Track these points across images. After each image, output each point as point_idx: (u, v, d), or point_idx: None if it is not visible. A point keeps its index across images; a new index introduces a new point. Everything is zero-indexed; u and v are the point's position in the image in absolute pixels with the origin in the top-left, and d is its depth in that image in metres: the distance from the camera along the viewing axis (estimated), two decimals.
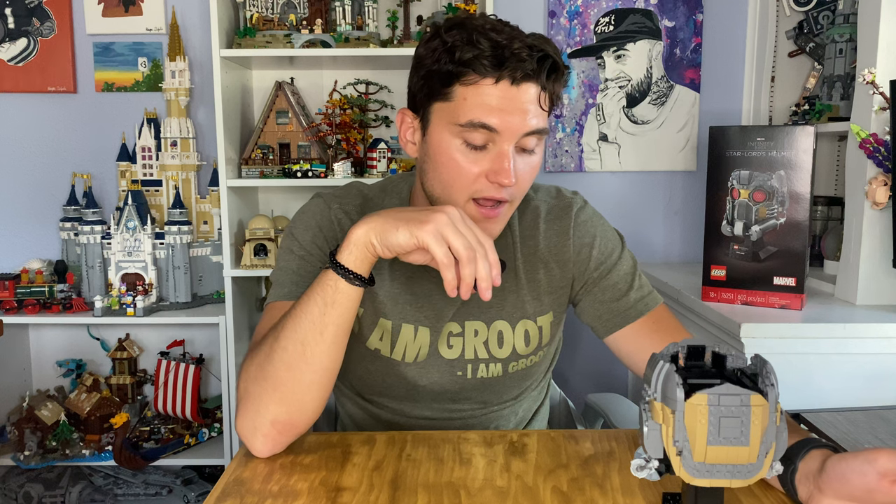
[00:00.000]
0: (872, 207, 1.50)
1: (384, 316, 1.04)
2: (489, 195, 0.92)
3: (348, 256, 0.84)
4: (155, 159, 2.20)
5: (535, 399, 1.21)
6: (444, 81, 0.90)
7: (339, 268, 0.84)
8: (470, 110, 0.88)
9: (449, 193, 0.93)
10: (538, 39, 0.90)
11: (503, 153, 0.89)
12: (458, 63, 0.87)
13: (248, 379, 0.88)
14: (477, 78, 0.87)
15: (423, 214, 0.82)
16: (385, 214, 0.84)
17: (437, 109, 0.92)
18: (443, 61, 0.89)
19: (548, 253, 1.07)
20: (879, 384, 1.41)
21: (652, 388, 0.64)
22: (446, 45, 0.88)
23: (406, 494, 0.78)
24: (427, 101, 0.93)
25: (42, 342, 2.31)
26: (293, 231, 1.05)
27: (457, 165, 0.91)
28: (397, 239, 0.81)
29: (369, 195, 1.08)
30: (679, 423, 0.61)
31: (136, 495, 2.19)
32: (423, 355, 1.05)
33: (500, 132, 0.89)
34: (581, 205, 1.09)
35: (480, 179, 0.91)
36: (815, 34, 2.00)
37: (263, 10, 2.05)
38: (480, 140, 0.90)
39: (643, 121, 2.25)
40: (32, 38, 2.19)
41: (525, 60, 0.86)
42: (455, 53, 0.87)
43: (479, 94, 0.88)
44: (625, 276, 1.07)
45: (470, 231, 0.82)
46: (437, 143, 0.93)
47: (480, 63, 0.86)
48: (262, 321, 1.00)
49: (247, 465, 0.85)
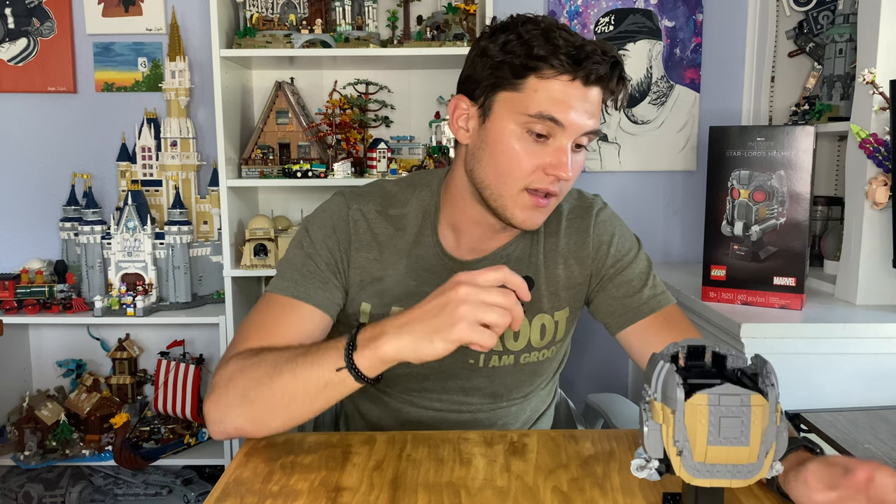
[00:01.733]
0: (872, 207, 1.50)
1: (396, 304, 1.05)
2: (543, 186, 0.94)
3: (367, 364, 0.82)
4: (155, 159, 2.20)
5: (544, 399, 1.21)
6: (518, 73, 0.92)
7: (353, 368, 0.82)
8: (541, 102, 0.91)
9: (503, 181, 0.95)
10: (609, 46, 0.93)
11: (563, 148, 0.93)
12: (535, 57, 0.90)
13: (230, 378, 0.89)
14: (553, 73, 0.90)
15: (446, 313, 0.78)
16: (410, 327, 0.80)
17: (504, 98, 0.94)
18: (517, 53, 0.91)
19: (567, 250, 1.09)
20: (879, 384, 1.41)
21: (652, 387, 0.64)
22: (522, 38, 0.91)
23: (406, 494, 0.78)
24: (492, 90, 0.95)
25: (42, 342, 2.31)
26: (308, 227, 1.06)
27: (516, 155, 0.94)
28: (435, 351, 0.79)
29: (393, 191, 1.09)
30: (679, 423, 0.61)
31: (136, 495, 2.19)
32: None
33: (565, 127, 0.92)
34: (601, 206, 1.13)
35: (537, 172, 0.94)
36: (815, 34, 2.00)
37: (263, 10, 2.05)
38: (544, 131, 0.92)
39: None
40: (32, 38, 2.19)
41: (600, 63, 0.90)
42: (533, 47, 0.90)
43: (551, 88, 0.91)
44: (639, 275, 1.10)
45: (494, 293, 0.78)
46: (500, 131, 0.95)
47: (558, 59, 0.89)
48: (257, 308, 1.01)
49: (247, 465, 0.85)
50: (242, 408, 0.88)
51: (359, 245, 1.04)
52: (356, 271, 1.05)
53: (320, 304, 1.00)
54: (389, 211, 1.06)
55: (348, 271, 1.04)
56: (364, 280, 1.05)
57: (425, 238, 1.06)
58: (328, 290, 1.02)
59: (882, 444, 1.13)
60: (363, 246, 1.05)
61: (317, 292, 1.01)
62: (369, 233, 1.05)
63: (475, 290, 0.78)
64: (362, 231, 1.05)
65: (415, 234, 1.06)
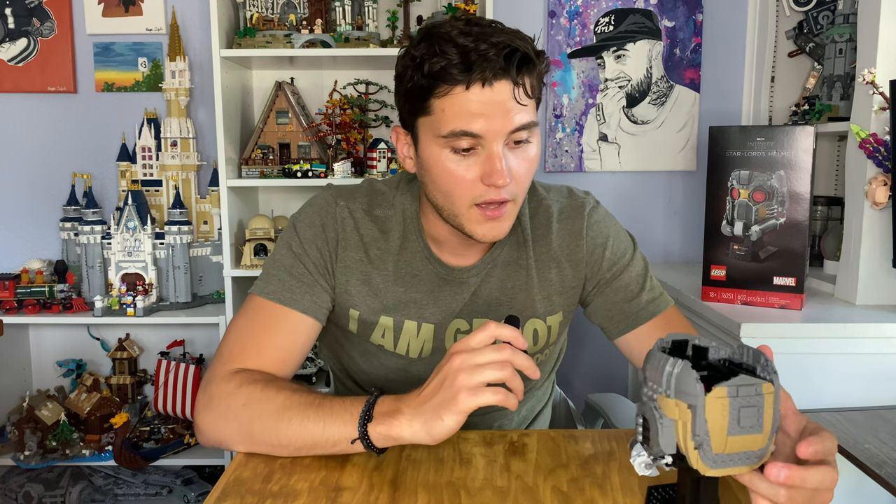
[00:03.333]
0: (872, 207, 1.50)
1: (385, 313, 1.04)
2: (489, 198, 0.91)
3: (380, 439, 0.82)
4: (155, 159, 2.20)
5: (539, 400, 1.21)
6: (421, 97, 0.89)
7: (365, 439, 0.82)
8: (450, 121, 0.87)
9: (451, 202, 0.93)
10: (506, 35, 0.87)
11: (492, 155, 0.88)
12: (428, 76, 0.86)
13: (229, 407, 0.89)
14: (448, 88, 0.86)
15: (445, 387, 0.78)
16: (422, 409, 0.80)
17: (422, 124, 0.91)
18: (415, 78, 0.88)
19: (560, 253, 1.06)
20: (879, 384, 1.41)
21: (663, 385, 0.64)
22: (416, 61, 0.87)
23: (406, 494, 0.78)
24: (412, 118, 0.93)
25: (42, 342, 2.31)
26: (296, 224, 1.04)
27: (451, 175, 0.90)
28: (448, 428, 0.79)
29: (381, 190, 1.07)
30: (700, 418, 0.62)
31: (136, 495, 2.19)
32: (427, 350, 1.05)
33: (483, 136, 0.87)
34: (594, 205, 1.09)
35: (477, 185, 0.90)
36: (815, 34, 2.00)
37: (263, 10, 2.05)
38: (467, 144, 0.88)
39: (643, 121, 2.25)
40: (32, 38, 2.19)
41: (492, 60, 0.84)
42: (424, 67, 0.86)
43: (454, 103, 0.86)
44: (637, 278, 1.07)
45: (486, 353, 0.78)
46: (429, 157, 0.92)
47: (448, 73, 0.85)
48: (245, 313, 0.99)
49: (247, 465, 0.85)
50: (243, 442, 0.88)
51: (345, 244, 1.02)
52: (343, 270, 1.02)
53: (309, 310, 0.99)
54: (375, 211, 1.04)
55: (335, 270, 1.02)
56: (350, 280, 1.02)
57: (411, 243, 1.03)
58: (316, 295, 1.00)
59: (882, 444, 1.14)
60: (350, 245, 1.02)
61: (305, 297, 0.99)
62: (356, 232, 1.03)
63: (468, 355, 0.78)
64: (349, 230, 1.02)
65: (400, 238, 1.03)
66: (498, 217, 0.93)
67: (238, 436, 0.88)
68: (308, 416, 0.85)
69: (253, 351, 0.95)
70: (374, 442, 0.82)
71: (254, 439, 0.87)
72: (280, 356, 0.96)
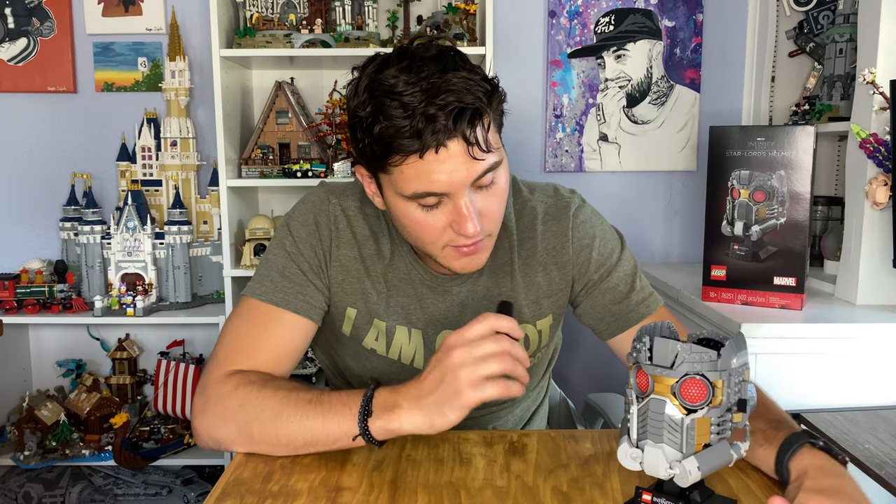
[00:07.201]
0: (872, 207, 1.50)
1: (378, 317, 1.03)
2: (461, 243, 0.90)
3: (380, 433, 0.82)
4: (155, 159, 2.20)
5: (534, 400, 1.21)
6: (377, 159, 0.86)
7: (366, 434, 0.83)
8: (411, 183, 0.85)
9: (424, 245, 0.92)
10: (454, 88, 0.81)
11: (458, 206, 0.86)
12: (379, 142, 0.83)
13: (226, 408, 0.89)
14: (402, 158, 0.83)
15: (447, 382, 0.79)
16: (423, 402, 0.80)
17: (384, 179, 0.89)
18: (367, 140, 0.85)
19: (546, 256, 1.05)
20: (879, 384, 1.41)
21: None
22: (364, 123, 0.84)
23: (406, 494, 0.78)
24: (371, 170, 0.90)
25: (42, 342, 2.31)
26: (290, 223, 1.03)
27: (420, 224, 0.89)
28: (450, 422, 0.80)
29: None
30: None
31: (136, 495, 2.19)
32: (419, 357, 1.05)
33: (447, 192, 0.85)
34: (579, 204, 1.07)
35: (448, 231, 0.89)
36: (815, 34, 2.00)
37: (263, 10, 2.05)
38: (433, 201, 0.86)
39: (643, 121, 2.25)
40: (32, 37, 2.19)
41: (440, 124, 0.80)
42: (374, 130, 0.83)
43: (410, 168, 0.84)
44: (625, 278, 1.06)
45: (486, 344, 0.78)
46: (395, 207, 0.90)
47: (399, 142, 0.82)
48: (239, 314, 0.99)
49: (246, 466, 0.85)
50: (243, 443, 0.88)
51: (339, 242, 1.01)
52: (337, 269, 1.01)
53: (303, 311, 0.98)
54: (367, 209, 1.03)
55: (330, 269, 1.01)
56: (346, 279, 1.01)
57: (398, 247, 1.02)
58: (309, 295, 0.99)
59: (882, 444, 1.14)
60: (343, 243, 1.01)
61: (299, 298, 0.98)
62: (349, 230, 1.02)
63: (468, 349, 0.78)
64: (342, 227, 1.01)
65: (388, 240, 1.02)
66: (473, 253, 0.92)
67: (237, 437, 0.88)
68: (307, 414, 0.85)
69: (247, 352, 0.95)
70: (375, 436, 0.82)
71: (253, 440, 0.87)
72: (275, 357, 0.96)
